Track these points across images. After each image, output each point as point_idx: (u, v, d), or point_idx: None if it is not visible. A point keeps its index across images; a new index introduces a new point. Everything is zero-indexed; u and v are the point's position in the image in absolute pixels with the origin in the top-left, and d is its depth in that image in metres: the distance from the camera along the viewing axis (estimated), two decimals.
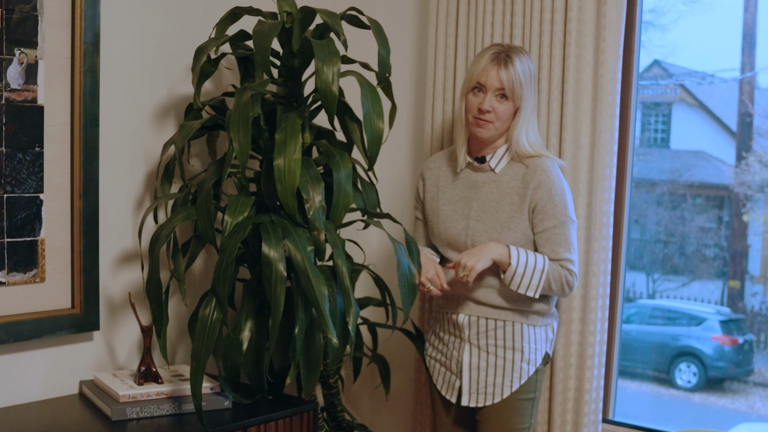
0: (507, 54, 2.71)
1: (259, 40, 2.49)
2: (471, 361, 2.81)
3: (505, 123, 2.73)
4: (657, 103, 4.79)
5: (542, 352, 2.82)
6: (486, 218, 2.78)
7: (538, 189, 2.71)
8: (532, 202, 2.72)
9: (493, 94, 2.71)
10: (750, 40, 4.18)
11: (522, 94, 2.70)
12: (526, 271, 2.68)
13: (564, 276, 2.72)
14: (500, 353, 2.78)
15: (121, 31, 2.75)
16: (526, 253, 2.70)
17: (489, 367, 2.79)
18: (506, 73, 2.68)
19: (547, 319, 2.84)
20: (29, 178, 2.55)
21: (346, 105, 2.81)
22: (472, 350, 2.81)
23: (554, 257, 2.73)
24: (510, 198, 2.76)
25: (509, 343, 2.78)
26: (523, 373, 2.78)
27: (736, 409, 4.44)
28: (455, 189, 2.87)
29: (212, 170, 2.61)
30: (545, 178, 2.72)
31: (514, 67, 2.69)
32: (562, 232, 2.73)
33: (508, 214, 2.75)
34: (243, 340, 2.56)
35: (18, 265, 2.55)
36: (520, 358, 2.78)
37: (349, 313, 2.51)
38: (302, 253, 2.44)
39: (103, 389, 2.63)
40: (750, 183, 4.34)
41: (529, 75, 2.72)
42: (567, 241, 2.74)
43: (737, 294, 4.58)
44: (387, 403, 3.65)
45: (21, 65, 2.51)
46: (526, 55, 2.74)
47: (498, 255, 2.70)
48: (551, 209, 2.72)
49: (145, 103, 2.85)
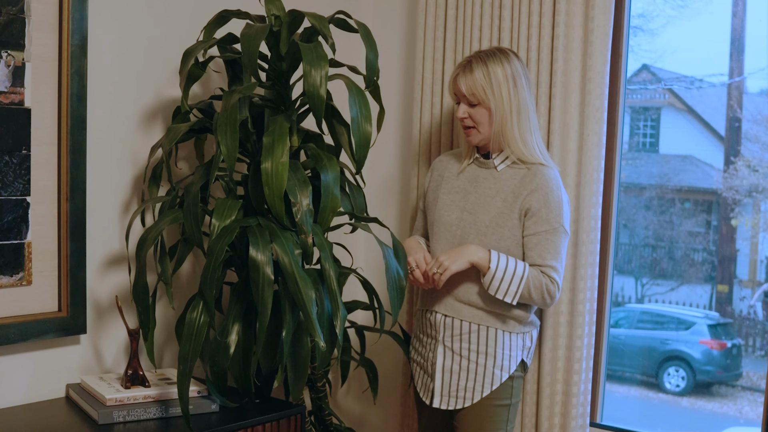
0: (469, 60, 2.72)
1: (246, 44, 2.49)
2: (444, 364, 2.80)
3: (486, 126, 2.73)
4: (646, 107, 4.80)
5: (517, 359, 2.80)
6: (478, 211, 2.77)
7: (535, 192, 2.70)
8: (525, 204, 2.71)
9: (465, 102, 2.74)
10: (738, 45, 4.19)
11: (485, 95, 2.69)
12: (505, 277, 2.66)
13: (545, 284, 2.69)
14: (473, 357, 2.77)
15: (108, 33, 2.75)
16: (507, 259, 2.69)
17: (462, 371, 2.78)
18: (464, 80, 2.71)
19: (525, 327, 2.81)
20: (16, 181, 2.54)
21: (334, 108, 2.81)
22: (446, 352, 2.80)
23: (539, 262, 2.71)
24: (504, 195, 2.75)
25: (482, 347, 2.77)
26: (495, 379, 2.77)
27: (725, 413, 4.44)
28: (458, 181, 2.87)
29: (200, 173, 2.60)
30: (543, 183, 2.71)
31: (472, 73, 2.70)
32: (552, 239, 2.71)
33: (499, 209, 2.73)
34: (230, 343, 2.56)
35: (4, 268, 2.54)
36: (492, 364, 2.76)
37: (337, 317, 2.51)
38: (290, 257, 2.44)
39: (89, 393, 2.62)
40: (738, 188, 4.35)
41: (502, 75, 2.69)
42: (556, 249, 2.72)
43: (726, 298, 4.59)
44: (375, 406, 3.65)
45: (8, 68, 2.50)
46: (498, 57, 2.72)
47: (477, 258, 2.68)
48: (545, 214, 2.70)
49: (133, 106, 2.84)
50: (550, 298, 2.72)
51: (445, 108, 3.25)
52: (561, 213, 2.72)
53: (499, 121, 2.71)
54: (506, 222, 2.73)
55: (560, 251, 2.73)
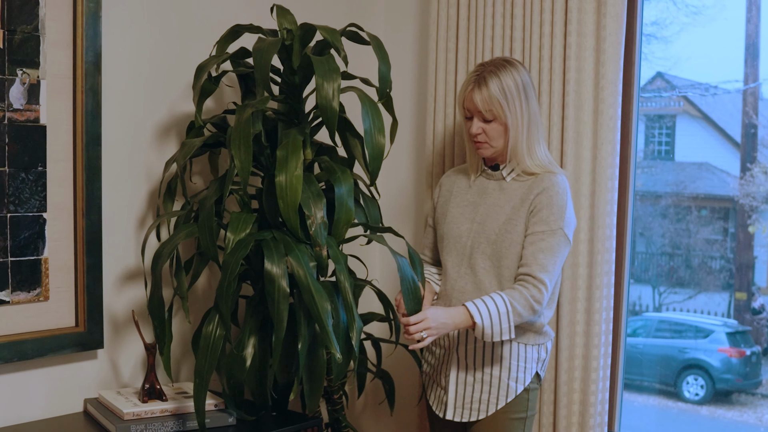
0: (482, 74, 2.65)
1: (259, 58, 2.51)
2: (458, 376, 2.75)
3: (500, 140, 2.68)
4: (660, 115, 4.78)
5: (532, 371, 2.74)
6: (488, 222, 2.72)
7: (541, 194, 2.65)
8: (531, 206, 2.66)
9: (479, 117, 2.68)
10: (753, 51, 4.18)
11: (503, 111, 2.64)
12: (493, 322, 2.56)
13: (529, 298, 2.59)
14: (487, 369, 2.72)
15: (122, 50, 2.77)
16: (485, 304, 2.58)
17: (476, 383, 2.73)
18: (480, 95, 2.64)
19: (540, 338, 2.75)
20: (32, 198, 2.56)
21: (347, 121, 2.82)
22: (459, 364, 2.75)
23: (527, 263, 2.62)
24: (513, 203, 2.70)
25: (497, 359, 2.71)
26: (510, 392, 2.71)
27: (745, 421, 4.41)
28: (467, 195, 2.83)
29: (214, 187, 2.61)
30: (549, 186, 2.66)
31: (487, 87, 2.63)
32: (548, 241, 2.63)
33: (508, 216, 2.68)
34: (246, 356, 2.56)
35: (22, 284, 2.56)
36: (507, 376, 2.71)
37: (352, 329, 2.51)
38: (305, 269, 2.44)
39: (107, 407, 2.63)
40: (755, 194, 4.32)
41: (515, 88, 2.64)
42: (550, 251, 2.63)
43: (744, 306, 4.56)
44: (391, 418, 3.64)
45: (23, 85, 2.52)
46: (508, 69, 2.66)
47: (460, 322, 2.58)
48: (546, 215, 2.64)
49: (147, 122, 2.86)
50: (539, 305, 2.61)
51: (458, 119, 3.25)
52: (562, 217, 2.65)
53: (513, 136, 2.67)
54: (515, 228, 2.67)
55: (555, 255, 2.64)
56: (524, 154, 2.69)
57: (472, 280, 2.73)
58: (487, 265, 2.71)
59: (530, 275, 2.61)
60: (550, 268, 2.63)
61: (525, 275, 2.63)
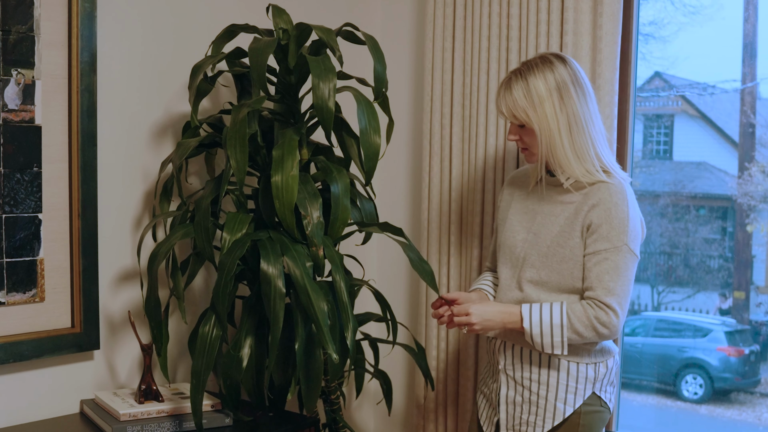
0: (510, 77, 2.49)
1: (254, 58, 2.50)
2: (508, 395, 2.57)
3: (536, 146, 2.50)
4: (659, 115, 4.78)
5: (585, 392, 2.50)
6: (542, 232, 2.53)
7: (596, 207, 2.44)
8: (586, 220, 2.45)
9: (511, 122, 2.53)
10: (751, 50, 4.17)
11: (528, 117, 2.45)
12: (544, 331, 2.42)
13: (593, 317, 2.40)
14: (534, 388, 2.52)
15: (117, 50, 2.77)
16: (540, 311, 2.43)
17: (524, 403, 2.54)
18: (504, 101, 2.49)
19: (594, 356, 2.52)
20: (28, 198, 2.56)
21: (343, 120, 2.82)
22: (508, 382, 2.57)
23: (593, 287, 2.42)
24: (567, 213, 2.50)
25: (543, 377, 2.51)
26: (558, 414, 2.49)
27: (744, 420, 4.41)
28: (527, 201, 2.64)
29: (210, 188, 2.61)
30: (606, 198, 2.43)
31: (510, 92, 2.47)
32: (613, 260, 2.40)
33: (561, 228, 2.49)
34: (243, 357, 2.56)
35: (17, 285, 2.55)
36: (554, 397, 2.50)
37: (348, 329, 2.50)
38: (301, 270, 2.44)
39: (103, 408, 2.62)
40: (753, 193, 4.32)
41: (545, 90, 2.44)
42: (616, 271, 2.40)
43: (742, 305, 4.56)
44: (390, 419, 3.64)
45: (18, 85, 2.52)
46: (541, 69, 2.46)
47: (509, 322, 2.47)
48: (606, 231, 2.42)
49: (143, 122, 2.86)
50: (605, 329, 2.40)
51: (454, 118, 3.25)
52: (626, 231, 2.41)
53: (545, 142, 2.46)
54: (567, 241, 2.47)
55: (622, 274, 2.40)
56: (570, 161, 2.47)
57: (519, 294, 2.57)
58: (535, 280, 2.53)
59: (596, 300, 2.41)
60: (618, 290, 2.40)
61: (590, 300, 2.43)
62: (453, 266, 3.28)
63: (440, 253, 3.32)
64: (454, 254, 3.28)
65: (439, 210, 3.31)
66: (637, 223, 2.47)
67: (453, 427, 3.31)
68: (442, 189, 3.31)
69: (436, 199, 3.32)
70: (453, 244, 3.27)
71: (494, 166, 3.14)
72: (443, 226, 3.31)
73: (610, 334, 2.42)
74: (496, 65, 3.13)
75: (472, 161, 3.20)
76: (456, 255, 3.28)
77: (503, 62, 3.12)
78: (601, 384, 2.54)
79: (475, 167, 3.19)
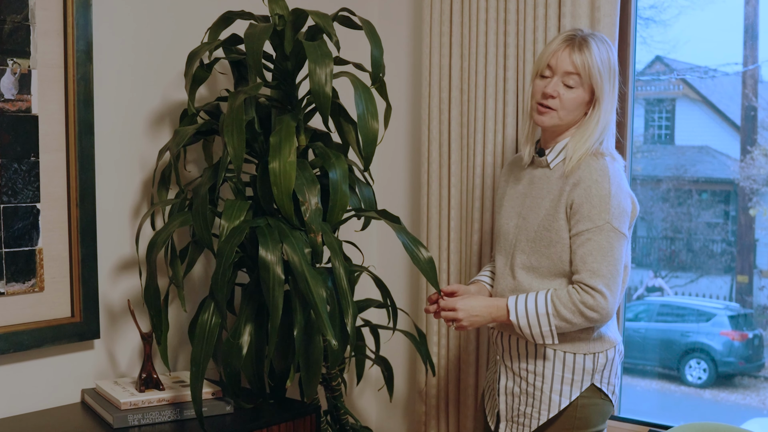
0: (583, 38, 2.42)
1: (250, 44, 2.49)
2: (506, 385, 2.55)
3: (570, 114, 2.44)
4: (660, 99, 4.76)
5: (582, 383, 2.44)
6: (530, 216, 2.50)
7: (577, 186, 2.39)
8: (568, 200, 2.40)
9: (561, 78, 2.43)
10: (752, 32, 4.15)
11: (599, 83, 2.41)
12: (531, 322, 2.39)
13: (579, 302, 2.34)
14: (531, 379, 2.48)
15: (113, 38, 2.76)
16: (525, 302, 2.41)
17: (522, 394, 2.50)
18: (580, 57, 2.40)
19: (591, 346, 2.45)
20: (25, 188, 2.55)
21: (340, 106, 2.81)
22: (507, 373, 2.55)
23: (575, 272, 2.38)
24: (552, 195, 2.46)
25: (539, 368, 2.47)
26: (553, 405, 2.45)
27: (748, 404, 4.40)
28: (519, 185, 2.61)
29: (208, 175, 2.60)
30: (587, 175, 2.38)
31: (590, 52, 2.39)
32: (596, 240, 2.35)
33: (546, 211, 2.45)
34: (243, 344, 2.56)
35: (17, 275, 2.55)
36: (549, 388, 2.45)
37: (348, 315, 2.50)
38: (299, 256, 2.43)
39: (104, 397, 2.62)
40: (756, 177, 4.31)
41: (609, 66, 2.43)
42: (601, 251, 2.34)
43: (746, 289, 4.55)
44: (391, 404, 3.64)
45: (14, 75, 2.51)
46: (606, 45, 2.45)
47: (498, 316, 2.46)
48: (587, 210, 2.36)
49: (140, 110, 2.85)
50: (594, 312, 2.34)
51: (453, 102, 3.23)
52: (607, 209, 2.35)
53: (601, 114, 2.43)
54: (552, 224, 2.43)
55: (607, 254, 2.34)
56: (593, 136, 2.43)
57: (512, 282, 2.54)
58: (526, 266, 2.50)
59: (581, 283, 2.36)
60: (604, 271, 2.34)
61: (577, 284, 2.38)
62: (453, 252, 3.27)
63: (440, 238, 3.31)
64: (454, 239, 3.27)
65: (439, 195, 3.31)
66: (622, 199, 2.40)
67: (455, 413, 3.30)
68: (441, 174, 3.30)
69: (435, 184, 3.31)
70: (453, 230, 3.26)
71: (493, 150, 3.13)
72: (443, 212, 3.30)
73: (600, 318, 2.36)
74: (494, 49, 3.11)
75: (471, 146, 3.19)
76: (456, 240, 3.27)
77: (501, 46, 3.10)
78: (601, 375, 2.47)
79: (474, 152, 3.17)
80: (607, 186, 2.36)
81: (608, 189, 2.36)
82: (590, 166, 2.39)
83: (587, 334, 2.44)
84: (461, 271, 3.27)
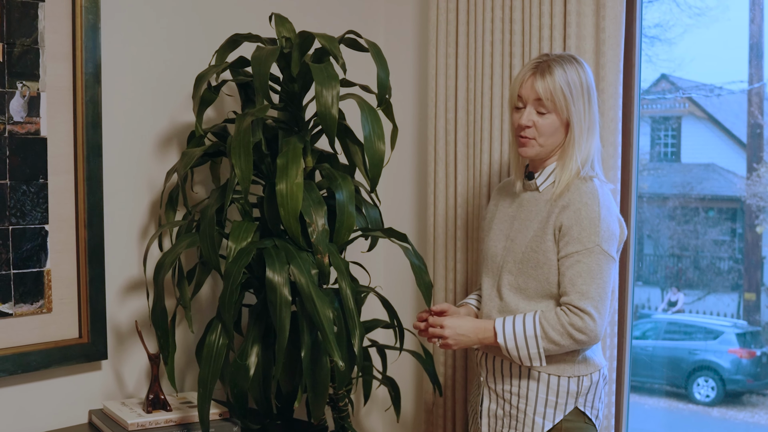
0: (547, 63, 2.44)
1: (257, 66, 2.51)
2: (489, 407, 2.55)
3: (549, 138, 2.45)
4: (666, 117, 4.77)
5: (565, 407, 2.43)
6: (518, 238, 2.50)
7: (566, 209, 2.39)
8: (557, 222, 2.40)
9: (533, 106, 2.45)
10: (757, 51, 4.17)
11: (567, 105, 2.41)
12: (519, 344, 2.38)
13: (567, 324, 2.34)
14: (514, 401, 2.48)
15: (121, 61, 2.78)
16: (513, 324, 2.39)
17: (505, 416, 2.50)
18: (542, 83, 2.41)
19: (576, 368, 2.44)
20: (34, 210, 2.57)
21: (347, 128, 2.82)
22: (490, 395, 2.55)
23: (563, 294, 2.38)
24: (540, 216, 2.46)
25: (523, 391, 2.46)
26: (536, 428, 2.43)
27: (756, 422, 4.39)
28: (509, 208, 2.61)
29: (215, 197, 2.62)
30: (576, 198, 2.39)
31: (552, 76, 2.41)
32: (586, 262, 2.34)
33: (534, 233, 2.44)
34: (250, 365, 2.56)
35: (25, 297, 2.56)
36: (533, 411, 2.44)
37: (355, 336, 2.50)
38: (306, 277, 2.44)
39: (112, 418, 2.63)
40: (762, 194, 4.31)
41: (579, 85, 2.42)
42: (590, 274, 2.34)
43: (753, 306, 4.54)
44: (398, 425, 3.64)
45: (23, 98, 2.53)
46: (576, 65, 2.45)
47: (484, 338, 2.45)
48: (577, 232, 2.36)
49: (148, 132, 2.87)
50: (582, 335, 2.33)
51: (459, 123, 3.25)
52: (597, 231, 2.35)
53: (576, 135, 2.44)
54: (540, 245, 2.42)
55: (596, 276, 2.34)
56: (575, 162, 2.45)
57: (498, 304, 2.54)
58: (514, 287, 2.49)
59: (570, 305, 2.35)
60: (593, 294, 2.33)
61: (565, 305, 2.37)
62: (459, 272, 3.28)
63: (446, 258, 3.32)
64: (460, 260, 3.27)
65: (445, 216, 3.32)
66: (611, 223, 2.41)
67: None
68: (447, 195, 3.31)
69: (441, 204, 3.32)
70: (459, 250, 3.27)
71: (499, 171, 3.14)
72: (449, 232, 3.31)
73: (588, 340, 2.35)
74: (499, 70, 3.13)
75: (477, 167, 3.20)
76: (462, 261, 3.27)
77: (506, 67, 3.12)
78: (585, 399, 2.46)
79: (480, 172, 3.19)
80: (597, 209, 2.37)
81: (597, 212, 2.37)
82: (579, 189, 2.41)
83: (572, 356, 2.44)
84: (468, 292, 3.27)
